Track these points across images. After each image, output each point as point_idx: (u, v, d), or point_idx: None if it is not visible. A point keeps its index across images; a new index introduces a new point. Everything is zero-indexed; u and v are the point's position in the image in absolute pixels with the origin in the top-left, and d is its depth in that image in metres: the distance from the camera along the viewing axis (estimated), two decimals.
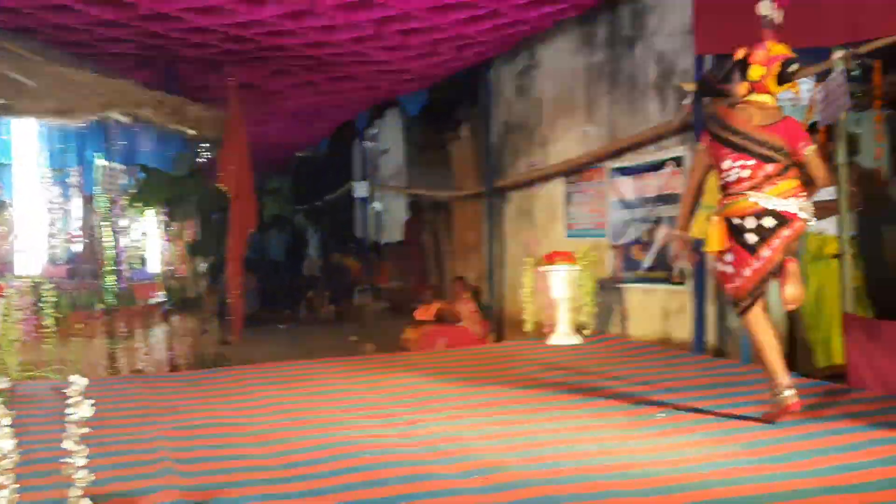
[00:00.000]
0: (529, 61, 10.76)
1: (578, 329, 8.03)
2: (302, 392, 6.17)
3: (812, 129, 6.82)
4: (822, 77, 5.81)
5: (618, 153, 8.86)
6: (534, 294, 8.18)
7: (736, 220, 4.73)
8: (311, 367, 7.36)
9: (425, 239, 14.41)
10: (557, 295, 7.89)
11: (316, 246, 21.12)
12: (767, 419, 4.63)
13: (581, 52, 9.66)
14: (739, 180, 4.73)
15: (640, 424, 4.78)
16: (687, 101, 7.23)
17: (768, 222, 4.67)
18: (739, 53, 5.02)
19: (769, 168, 4.68)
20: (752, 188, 4.69)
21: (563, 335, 7.88)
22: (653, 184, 8.32)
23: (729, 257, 4.76)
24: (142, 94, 7.98)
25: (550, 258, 7.94)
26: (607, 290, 8.70)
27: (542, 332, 8.14)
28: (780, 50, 4.88)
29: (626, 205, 8.76)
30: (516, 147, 11.08)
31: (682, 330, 7.92)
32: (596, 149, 9.22)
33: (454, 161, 13.30)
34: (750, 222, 4.69)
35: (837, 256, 6.83)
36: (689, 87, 7.04)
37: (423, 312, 11.92)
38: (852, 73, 5.50)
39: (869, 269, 7.13)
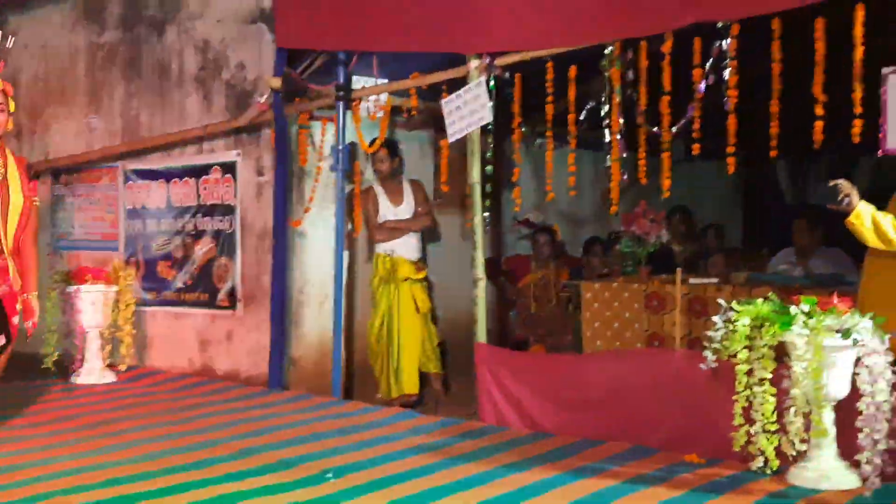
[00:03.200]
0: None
1: (113, 364, 6.56)
2: None
3: (383, 145, 6.47)
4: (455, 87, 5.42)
5: (140, 153, 7.53)
6: (55, 320, 6.47)
7: None
8: None
9: None
10: (88, 322, 6.34)
11: None
12: None
13: (81, 27, 8.07)
14: None
15: (321, 490, 3.83)
16: (263, 99, 6.33)
17: None
18: None
19: None
20: None
21: (95, 372, 6.35)
22: (191, 191, 7.19)
23: None
24: None
25: (80, 276, 6.36)
26: None
27: (69, 368, 6.48)
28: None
29: (150, 214, 7.47)
30: None
31: (227, 360, 6.94)
32: (106, 146, 7.75)
33: None
34: None
35: (408, 279, 6.56)
36: (274, 83, 6.15)
37: None
38: (490, 86, 5.19)
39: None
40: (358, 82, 6.27)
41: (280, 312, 6.32)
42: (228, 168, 6.96)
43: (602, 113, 4.99)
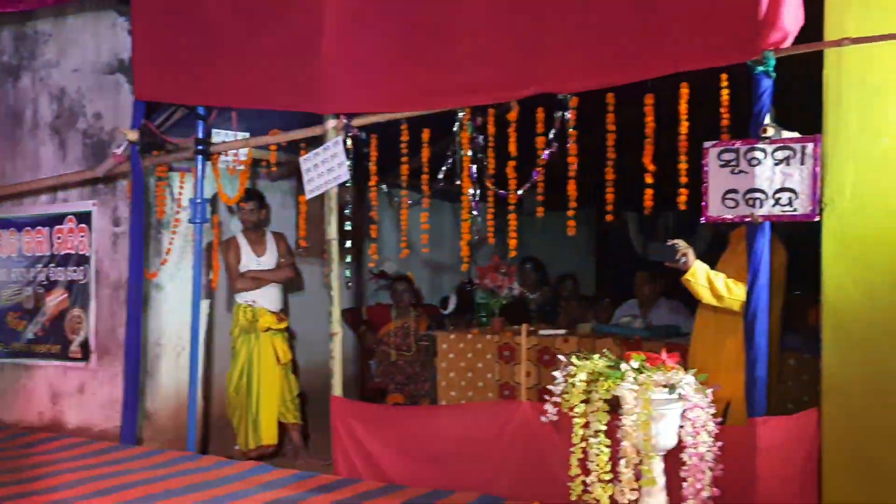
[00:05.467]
0: None
1: None
2: None
3: (249, 197, 6.54)
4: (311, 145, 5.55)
5: None
6: None
7: None
8: None
9: None
10: None
11: None
12: None
13: None
14: None
15: None
16: (120, 150, 6.29)
17: None
18: None
19: None
20: None
21: None
22: (44, 241, 7.04)
23: None
24: None
25: None
26: None
27: None
28: None
29: (1, 263, 7.27)
30: None
31: (79, 413, 6.79)
32: None
33: None
34: None
35: (270, 330, 6.60)
36: (132, 135, 6.13)
37: None
38: (347, 146, 5.34)
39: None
40: (218, 136, 6.30)
41: (134, 364, 6.23)
42: (83, 218, 6.85)
43: (455, 172, 5.20)
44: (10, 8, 6.29)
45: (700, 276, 4.43)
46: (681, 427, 3.92)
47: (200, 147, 6.01)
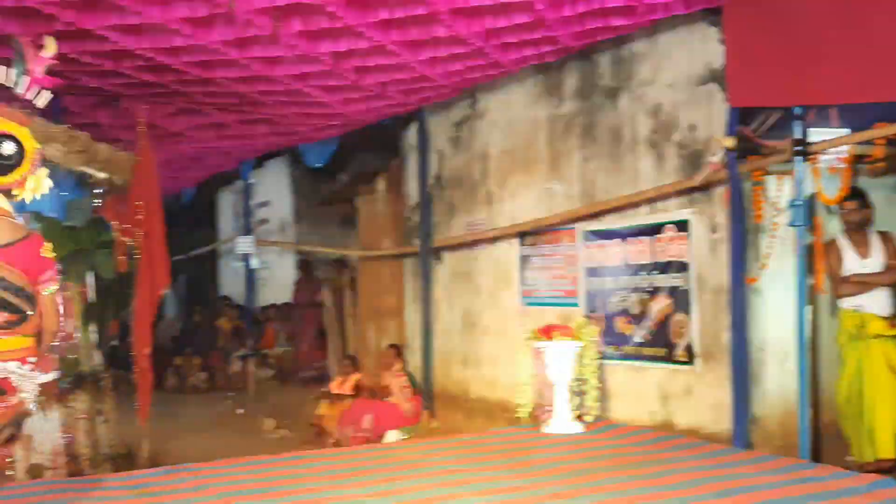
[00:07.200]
0: (470, 110, 9.79)
1: (579, 415, 6.99)
2: None
3: (853, 196, 6.22)
4: None
5: (595, 214, 7.97)
6: (530, 373, 7.08)
7: None
8: (285, 465, 5.97)
9: (326, 301, 13.02)
10: (556, 375, 6.83)
11: (175, 306, 19.16)
12: None
13: (542, 101, 8.77)
14: None
15: None
16: (715, 159, 6.42)
17: None
18: None
19: None
20: None
21: (562, 422, 6.81)
22: (645, 249, 7.46)
23: None
24: (50, 127, 6.38)
25: (547, 332, 6.89)
26: None
27: (536, 417, 7.04)
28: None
29: (607, 272, 7.87)
30: (452, 204, 10.03)
31: (688, 415, 7.04)
32: (565, 209, 8.31)
33: (363, 216, 12.10)
34: None
35: (880, 336, 6.19)
36: (728, 142, 6.22)
37: (341, 385, 10.62)
38: None
39: None
40: (816, 135, 6.11)
41: (741, 369, 6.30)
42: (682, 226, 7.12)
43: None
44: (610, 34, 6.78)
45: None
46: None
47: (799, 148, 5.87)
